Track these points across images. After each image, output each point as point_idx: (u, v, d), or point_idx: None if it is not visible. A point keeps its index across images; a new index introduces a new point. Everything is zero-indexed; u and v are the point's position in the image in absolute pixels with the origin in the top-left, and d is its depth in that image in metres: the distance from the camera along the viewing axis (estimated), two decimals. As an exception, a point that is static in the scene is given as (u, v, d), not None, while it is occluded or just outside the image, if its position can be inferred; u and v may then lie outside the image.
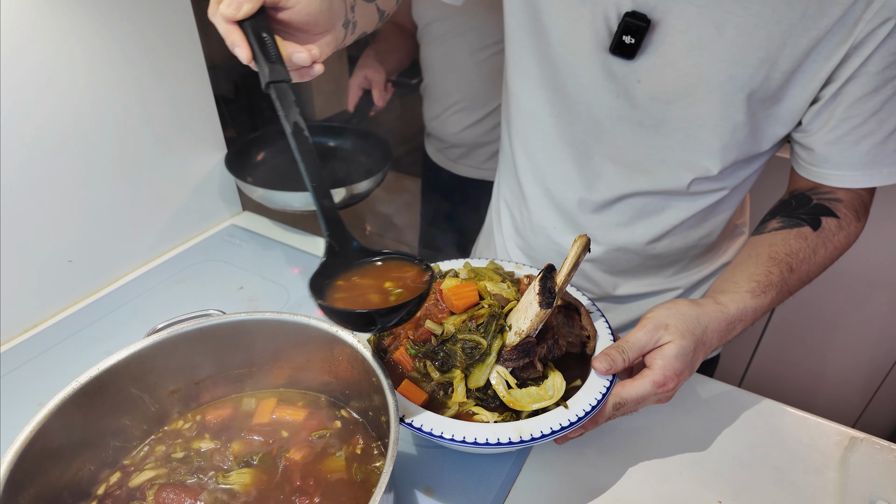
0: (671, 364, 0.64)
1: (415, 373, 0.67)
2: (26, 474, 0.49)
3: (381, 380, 0.55)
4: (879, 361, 1.65)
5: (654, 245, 0.90)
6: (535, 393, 0.64)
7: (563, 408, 0.62)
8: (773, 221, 0.80)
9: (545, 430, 0.59)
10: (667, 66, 0.72)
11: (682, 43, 0.70)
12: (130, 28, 0.91)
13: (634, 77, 0.74)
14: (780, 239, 0.76)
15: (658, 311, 0.68)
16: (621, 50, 0.72)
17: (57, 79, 0.85)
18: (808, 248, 0.75)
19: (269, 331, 0.63)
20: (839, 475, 0.69)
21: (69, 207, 0.92)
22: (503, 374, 0.64)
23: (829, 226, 0.76)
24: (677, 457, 0.72)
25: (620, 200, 0.86)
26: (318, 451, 0.61)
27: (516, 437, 0.58)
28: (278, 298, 0.99)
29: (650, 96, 0.75)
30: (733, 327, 0.70)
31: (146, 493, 0.56)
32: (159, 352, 0.59)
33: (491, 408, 0.64)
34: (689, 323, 0.67)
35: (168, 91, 1.01)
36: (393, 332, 0.72)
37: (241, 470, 0.58)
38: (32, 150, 0.84)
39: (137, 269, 1.06)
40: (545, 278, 0.62)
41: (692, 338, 0.66)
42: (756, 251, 0.77)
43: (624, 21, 0.70)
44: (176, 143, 1.06)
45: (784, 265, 0.74)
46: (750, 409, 0.78)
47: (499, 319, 0.66)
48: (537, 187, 0.94)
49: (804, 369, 1.79)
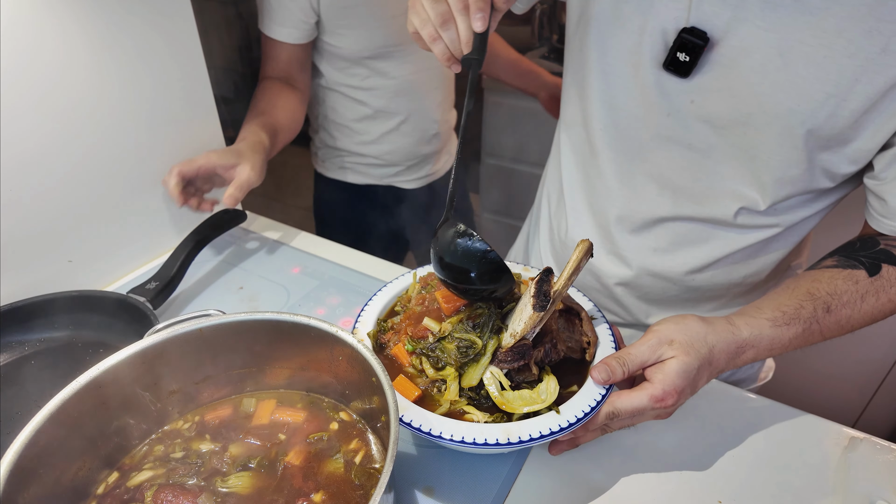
0: (672, 380, 0.61)
1: (411, 368, 0.67)
2: (26, 474, 0.48)
3: (382, 380, 0.55)
4: (879, 361, 1.65)
5: (693, 276, 0.85)
6: (527, 396, 0.63)
7: (555, 412, 0.61)
8: (830, 259, 0.73)
9: (534, 433, 0.59)
10: (723, 89, 0.68)
11: (742, 66, 0.66)
12: (130, 28, 0.91)
13: (688, 97, 0.71)
14: (828, 276, 0.70)
15: (664, 325, 0.65)
16: (675, 67, 0.68)
17: (56, 79, 0.85)
18: (856, 292, 0.69)
19: (269, 331, 0.63)
20: (839, 475, 0.69)
21: (69, 207, 0.92)
22: (497, 375, 0.64)
23: (890, 275, 0.69)
24: (677, 457, 0.72)
25: (661, 223, 0.83)
26: (317, 451, 0.61)
27: (504, 438, 0.58)
28: (278, 298, 0.99)
29: (702, 119, 0.72)
30: (742, 351, 0.66)
31: (144, 494, 0.55)
32: (159, 352, 0.59)
33: (483, 408, 0.64)
34: (696, 341, 0.63)
35: (168, 91, 1.01)
36: (394, 327, 0.73)
37: (240, 472, 0.58)
38: (32, 150, 0.84)
39: (137, 269, 1.06)
40: (541, 281, 0.62)
41: (697, 356, 0.63)
42: (797, 283, 0.71)
43: (680, 37, 0.67)
44: (176, 142, 1.06)
45: (821, 303, 0.68)
46: (750, 410, 0.78)
47: (495, 320, 0.66)
48: (580, 199, 0.91)
49: (804, 369, 1.79)
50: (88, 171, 0.93)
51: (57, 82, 0.85)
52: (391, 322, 0.75)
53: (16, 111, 0.81)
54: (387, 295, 0.79)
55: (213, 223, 1.03)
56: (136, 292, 0.86)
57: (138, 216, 1.04)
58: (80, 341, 0.83)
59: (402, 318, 0.73)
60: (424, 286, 0.78)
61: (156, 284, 0.88)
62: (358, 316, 0.76)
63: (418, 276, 0.81)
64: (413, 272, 0.82)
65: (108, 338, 0.84)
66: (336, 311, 0.96)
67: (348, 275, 1.05)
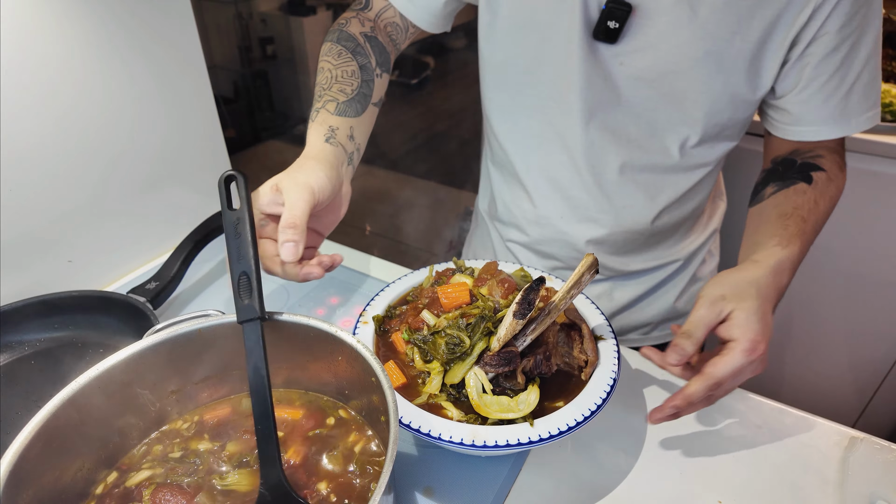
0: (752, 327, 0.63)
1: (404, 356, 0.70)
2: (26, 474, 0.48)
3: (381, 379, 0.55)
4: (879, 361, 1.65)
5: (656, 223, 0.94)
6: (504, 403, 0.63)
7: (529, 425, 0.61)
8: (768, 188, 0.84)
9: (500, 440, 0.59)
10: (647, 47, 0.77)
11: (660, 23, 0.75)
12: (130, 28, 0.91)
13: (617, 60, 0.79)
14: (782, 198, 0.81)
15: (708, 289, 0.68)
16: (605, 35, 0.77)
17: (56, 79, 0.85)
18: (809, 200, 0.79)
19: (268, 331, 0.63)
20: (839, 475, 0.69)
21: (69, 207, 0.92)
22: (480, 378, 0.64)
23: (820, 178, 0.82)
24: (677, 457, 0.72)
25: (622, 179, 0.90)
26: (316, 450, 0.61)
27: (469, 439, 0.59)
28: (278, 298, 0.99)
29: (633, 77, 0.80)
30: (781, 277, 0.71)
31: (142, 493, 0.56)
32: (159, 352, 0.59)
33: (461, 407, 0.64)
34: (742, 286, 0.67)
35: (168, 91, 1.01)
36: (400, 315, 0.76)
37: (239, 469, 0.58)
38: (33, 151, 0.84)
39: (137, 269, 1.06)
40: (530, 289, 0.61)
41: (753, 297, 0.66)
42: (764, 216, 0.81)
43: (608, 7, 0.74)
44: (175, 142, 1.06)
45: (796, 217, 0.77)
46: (750, 410, 0.78)
47: (487, 322, 0.66)
48: (542, 180, 0.96)
49: (804, 369, 1.79)
50: (88, 172, 0.93)
51: (57, 82, 0.85)
52: (399, 309, 0.78)
53: (16, 111, 0.81)
54: (404, 284, 0.82)
55: (214, 223, 1.03)
56: (136, 292, 0.86)
57: (138, 216, 1.04)
58: (80, 341, 0.83)
59: (409, 307, 0.77)
60: (437, 280, 0.81)
61: (156, 284, 0.88)
62: (371, 299, 0.78)
63: (435, 270, 0.84)
64: (431, 266, 0.85)
65: (108, 338, 0.84)
66: (336, 311, 0.96)
67: (348, 275, 1.05)
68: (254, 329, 0.56)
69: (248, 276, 0.57)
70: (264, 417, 0.55)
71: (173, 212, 1.09)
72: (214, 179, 1.16)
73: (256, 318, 0.56)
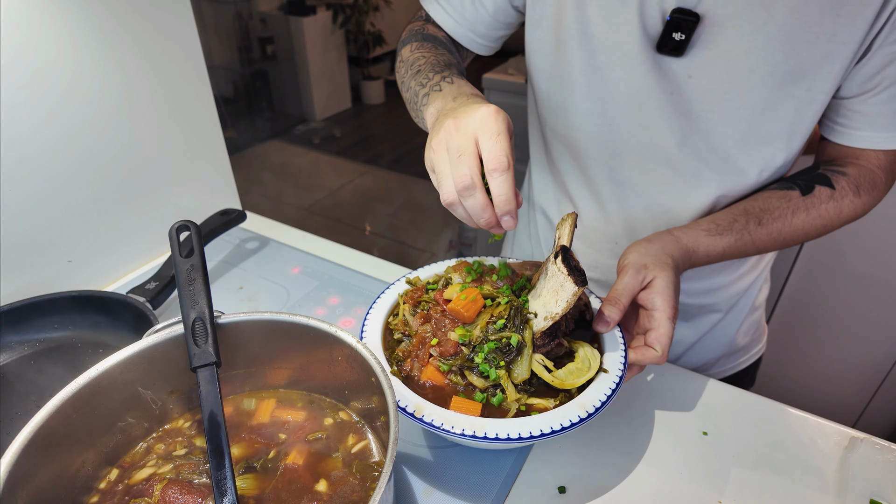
0: (670, 294, 0.68)
1: (450, 387, 0.66)
2: (26, 474, 0.49)
3: (381, 380, 0.55)
4: (879, 361, 1.65)
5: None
6: (574, 369, 0.66)
7: (604, 372, 0.65)
8: (773, 184, 0.82)
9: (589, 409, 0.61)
10: (719, 56, 0.71)
11: (732, 30, 0.69)
12: (130, 28, 0.91)
13: (685, 72, 0.73)
14: (764, 195, 0.79)
15: (630, 256, 0.71)
16: (670, 47, 0.72)
17: (56, 79, 0.85)
18: (787, 207, 0.77)
19: (268, 331, 0.63)
20: (839, 475, 0.69)
21: (69, 207, 0.92)
22: (541, 361, 0.65)
23: (821, 194, 0.77)
24: (677, 457, 0.72)
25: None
26: (317, 451, 0.61)
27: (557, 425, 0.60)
28: (278, 298, 0.99)
29: (704, 89, 0.74)
30: (689, 256, 0.74)
31: (154, 488, 0.56)
32: (159, 352, 0.59)
33: (540, 395, 0.65)
34: (661, 256, 0.71)
35: (168, 91, 1.01)
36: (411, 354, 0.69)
37: (244, 475, 0.58)
38: (33, 150, 0.84)
39: (137, 269, 1.06)
40: (566, 258, 0.64)
41: (670, 267, 0.70)
42: (738, 203, 0.80)
43: (674, 17, 0.69)
44: (175, 142, 1.06)
45: (753, 217, 0.76)
46: (750, 409, 0.78)
47: (522, 311, 0.66)
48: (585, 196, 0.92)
49: (804, 369, 1.79)
50: (88, 171, 0.93)
51: (57, 82, 0.85)
52: (399, 351, 0.71)
53: (16, 111, 0.81)
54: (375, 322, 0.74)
55: (213, 223, 1.03)
56: (136, 292, 0.86)
57: (138, 216, 1.04)
58: (80, 341, 0.83)
59: (411, 344, 0.70)
60: (416, 304, 0.74)
61: (156, 284, 0.88)
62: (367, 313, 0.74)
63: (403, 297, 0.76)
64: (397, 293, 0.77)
65: (108, 338, 0.84)
66: (335, 312, 0.96)
67: (348, 275, 1.05)
68: (209, 375, 0.55)
69: (203, 321, 0.57)
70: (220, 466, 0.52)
71: (173, 212, 1.09)
72: (214, 179, 1.17)
73: (212, 362, 0.56)
